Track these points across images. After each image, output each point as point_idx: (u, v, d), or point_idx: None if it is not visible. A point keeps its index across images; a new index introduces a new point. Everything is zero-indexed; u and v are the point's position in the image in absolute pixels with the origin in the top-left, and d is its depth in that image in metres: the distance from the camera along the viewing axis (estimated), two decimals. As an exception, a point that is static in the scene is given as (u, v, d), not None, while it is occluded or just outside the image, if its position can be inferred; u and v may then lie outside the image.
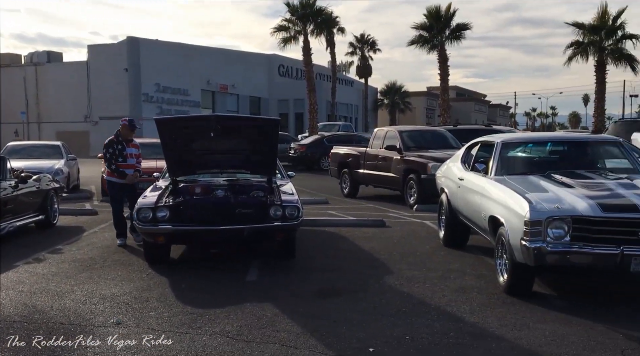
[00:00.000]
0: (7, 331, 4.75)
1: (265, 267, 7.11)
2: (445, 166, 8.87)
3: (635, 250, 5.01)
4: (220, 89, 41.43)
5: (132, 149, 8.59)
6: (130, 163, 8.51)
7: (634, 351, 4.34)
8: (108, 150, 8.44)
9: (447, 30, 32.46)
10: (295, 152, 23.69)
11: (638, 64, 30.01)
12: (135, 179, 8.56)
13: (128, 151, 8.51)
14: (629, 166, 6.81)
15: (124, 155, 8.46)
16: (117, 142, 8.47)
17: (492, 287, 6.03)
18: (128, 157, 8.49)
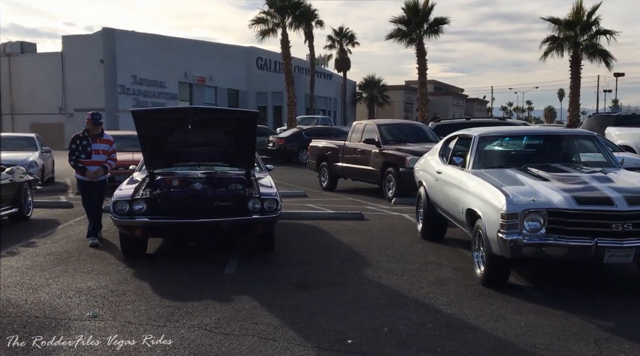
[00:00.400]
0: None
1: (244, 260, 7.09)
2: (424, 159, 8.92)
3: (609, 242, 5.10)
4: (198, 81, 41.08)
5: (101, 145, 8.12)
6: (95, 160, 8.04)
7: (607, 341, 4.42)
8: (71, 145, 8.10)
9: (425, 24, 32.55)
10: (273, 146, 23.62)
11: (612, 59, 30.47)
12: (96, 176, 8.05)
13: (94, 147, 8.05)
14: (603, 160, 6.93)
15: (87, 151, 8.01)
16: (82, 138, 8.06)
17: (469, 279, 6.09)
18: (93, 154, 8.03)
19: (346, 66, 52.47)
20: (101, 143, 8.15)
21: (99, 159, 8.08)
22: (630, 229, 5.12)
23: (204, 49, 42.34)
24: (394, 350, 4.28)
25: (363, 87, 58.69)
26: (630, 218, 5.13)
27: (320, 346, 4.35)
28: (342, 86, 53.19)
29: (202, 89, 41.91)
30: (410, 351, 4.25)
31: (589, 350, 4.26)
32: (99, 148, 8.10)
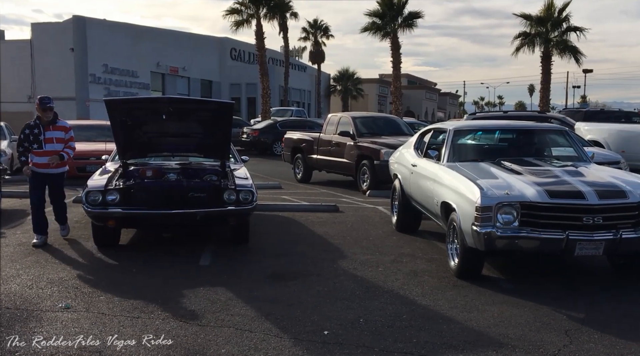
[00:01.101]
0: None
1: (219, 251, 7.05)
2: (399, 152, 8.97)
3: (579, 235, 5.20)
4: (171, 71, 40.57)
5: (55, 132, 7.28)
6: (49, 150, 7.21)
7: (577, 331, 4.52)
8: (20, 135, 7.32)
9: (400, 18, 32.64)
10: (247, 137, 23.49)
11: (581, 56, 30.98)
12: (52, 162, 7.23)
13: (48, 135, 7.22)
14: (574, 154, 7.06)
15: (39, 140, 7.19)
16: (32, 126, 7.22)
17: (443, 271, 6.16)
18: (46, 143, 7.21)
19: (320, 58, 52.37)
20: (55, 131, 7.30)
21: (54, 149, 7.25)
22: (600, 223, 5.23)
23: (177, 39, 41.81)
24: (369, 340, 4.32)
25: (337, 79, 58.68)
26: (600, 212, 5.24)
27: (296, 338, 4.36)
28: (316, 78, 53.11)
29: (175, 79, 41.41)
30: (385, 342, 4.29)
31: (559, 340, 4.35)
32: (52, 136, 7.27)
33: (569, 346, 4.24)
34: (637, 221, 5.31)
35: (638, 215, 5.31)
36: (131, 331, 4.44)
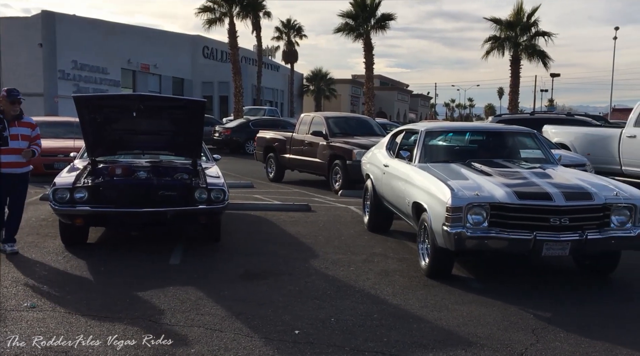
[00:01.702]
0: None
1: (190, 250, 6.99)
2: (371, 152, 9.01)
3: (547, 236, 5.29)
4: (142, 68, 40.10)
5: (21, 129, 6.66)
6: (14, 147, 6.59)
7: (544, 330, 4.60)
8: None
9: (373, 19, 32.80)
10: (220, 136, 23.36)
11: (549, 60, 31.54)
12: (26, 157, 6.69)
13: (12, 132, 6.58)
14: (541, 156, 7.18)
15: (3, 137, 6.53)
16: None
17: (414, 270, 6.21)
18: (11, 140, 6.58)
19: (293, 58, 52.33)
20: (21, 127, 6.67)
21: (19, 147, 6.62)
22: (567, 224, 5.33)
23: (149, 36, 41.34)
24: (340, 340, 4.32)
25: (310, 79, 58.71)
26: (567, 213, 5.34)
27: (267, 337, 4.35)
28: (289, 78, 53.05)
29: (146, 77, 40.94)
30: (356, 341, 4.30)
31: (527, 338, 4.42)
32: (17, 133, 6.64)
33: (536, 345, 4.31)
34: (601, 222, 5.43)
35: (603, 216, 5.43)
36: (98, 331, 4.37)
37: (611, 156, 12.55)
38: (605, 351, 4.21)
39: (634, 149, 12.11)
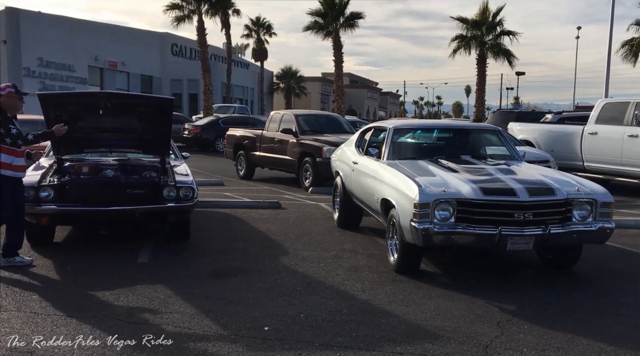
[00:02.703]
0: None
1: (158, 249, 6.95)
2: (340, 150, 9.06)
3: (511, 231, 5.40)
4: (109, 66, 39.52)
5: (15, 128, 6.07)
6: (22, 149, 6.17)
7: (508, 322, 4.71)
8: (10, 127, 5.97)
9: (342, 17, 32.92)
10: (189, 134, 23.17)
11: (514, 58, 32.09)
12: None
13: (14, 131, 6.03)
14: (506, 153, 7.33)
15: (23, 136, 6.08)
16: (10, 119, 6.06)
17: (383, 266, 6.28)
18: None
19: (263, 56, 52.19)
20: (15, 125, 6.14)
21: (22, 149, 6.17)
22: (530, 219, 5.45)
23: (116, 33, 40.76)
24: (310, 335, 4.36)
25: (280, 77, 58.62)
26: (530, 208, 5.46)
27: (236, 334, 4.36)
28: (259, 76, 52.87)
29: (114, 74, 40.37)
30: (325, 337, 4.34)
31: (492, 331, 4.52)
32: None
33: (501, 337, 4.41)
34: (564, 217, 5.56)
35: (565, 211, 5.57)
36: (64, 331, 4.32)
37: (574, 152, 12.88)
38: (566, 341, 4.33)
39: (595, 145, 12.45)
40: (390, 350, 4.13)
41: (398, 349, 4.15)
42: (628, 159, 11.67)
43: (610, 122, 12.16)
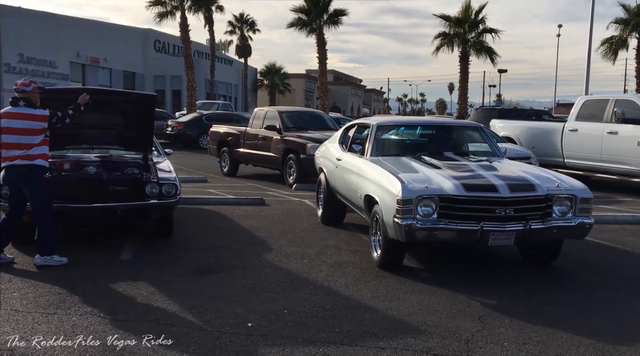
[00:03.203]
0: None
1: (141, 246, 6.92)
2: (324, 146, 9.08)
3: (492, 226, 5.45)
4: (91, 62, 39.16)
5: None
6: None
7: (490, 317, 4.76)
8: (57, 117, 6.22)
9: (325, 14, 32.89)
10: (172, 130, 23.05)
11: (496, 56, 32.31)
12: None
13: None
14: (488, 150, 7.39)
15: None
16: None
17: (366, 262, 6.31)
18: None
19: (247, 53, 52.02)
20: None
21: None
22: (511, 214, 5.51)
23: (98, 29, 40.38)
24: (293, 331, 4.37)
25: (264, 74, 58.48)
26: (511, 204, 5.52)
27: (220, 330, 4.36)
28: (243, 72, 52.71)
29: (96, 70, 40.02)
30: (309, 332, 4.35)
31: (473, 325, 4.57)
32: None
33: (482, 331, 4.46)
34: (544, 213, 5.63)
35: (545, 207, 5.64)
36: (46, 328, 4.30)
37: (554, 148, 13.04)
38: (546, 335, 4.39)
39: (575, 142, 12.61)
40: (373, 345, 4.16)
41: (381, 344, 4.18)
42: (607, 155, 11.84)
43: (590, 119, 12.33)
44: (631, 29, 29.30)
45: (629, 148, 11.39)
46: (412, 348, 4.11)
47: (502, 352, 4.08)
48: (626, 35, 29.76)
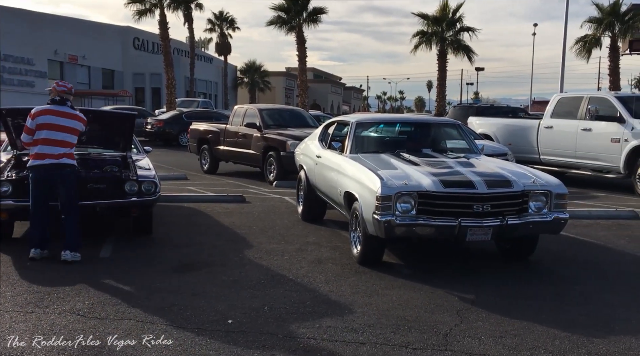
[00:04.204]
0: None
1: (121, 243, 6.89)
2: (304, 144, 9.10)
3: (470, 222, 5.52)
4: (70, 59, 38.74)
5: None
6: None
7: (467, 311, 4.83)
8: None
9: (305, 13, 32.92)
10: (152, 128, 22.90)
11: (474, 54, 32.67)
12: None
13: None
14: (466, 146, 7.48)
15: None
16: None
17: (346, 258, 6.35)
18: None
19: (227, 50, 51.83)
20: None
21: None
22: (489, 210, 5.58)
23: (76, 27, 39.96)
24: (273, 327, 4.39)
25: (244, 72, 58.31)
26: (489, 200, 5.59)
27: (200, 327, 4.36)
28: (223, 70, 52.50)
29: (74, 68, 39.60)
30: (289, 328, 4.38)
31: (452, 319, 4.63)
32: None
33: (460, 325, 4.52)
34: (520, 208, 5.72)
35: (521, 203, 5.72)
36: (24, 327, 4.27)
37: (530, 145, 13.23)
38: (523, 328, 4.46)
39: (550, 139, 12.81)
40: (352, 340, 4.20)
41: (360, 339, 4.21)
42: (582, 152, 12.05)
43: (565, 116, 12.53)
44: (604, 27, 29.82)
45: (602, 145, 11.60)
46: (391, 343, 4.16)
47: (480, 346, 4.14)
48: (600, 34, 30.28)
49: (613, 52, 30.78)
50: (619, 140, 11.29)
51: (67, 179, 6.10)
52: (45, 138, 6.04)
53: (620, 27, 29.92)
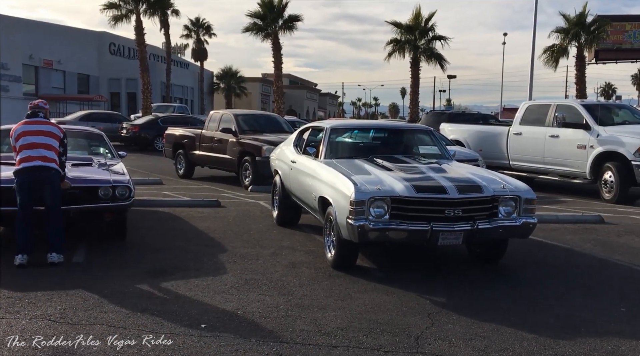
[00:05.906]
0: None
1: (94, 248, 6.84)
2: (279, 149, 9.14)
3: (442, 226, 5.61)
4: (45, 64, 38.21)
5: None
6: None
7: (439, 314, 4.91)
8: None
9: (280, 20, 32.94)
10: (127, 133, 22.72)
11: (446, 62, 32.98)
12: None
13: None
14: (438, 152, 7.60)
15: None
16: None
17: (320, 262, 6.40)
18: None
19: (203, 56, 51.72)
20: None
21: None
22: (460, 215, 5.68)
23: (52, 31, 39.47)
24: (246, 331, 4.41)
25: (220, 77, 58.14)
26: (460, 205, 5.69)
27: (172, 332, 4.36)
28: (199, 76, 52.32)
29: (49, 73, 39.07)
30: (262, 332, 4.40)
31: (423, 322, 4.70)
32: None
33: (431, 328, 4.59)
34: (490, 213, 5.83)
35: (491, 207, 5.84)
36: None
37: (500, 151, 13.47)
38: (492, 331, 4.55)
39: (519, 145, 13.07)
40: (325, 343, 4.24)
41: (333, 342, 4.25)
42: (549, 158, 12.32)
43: (533, 123, 12.79)
44: (571, 37, 30.59)
45: (569, 151, 11.86)
46: (363, 346, 4.21)
47: (450, 348, 4.22)
48: (566, 43, 31.04)
49: (579, 61, 31.52)
50: (585, 147, 11.56)
51: (54, 179, 6.23)
52: (23, 144, 6.24)
53: (586, 37, 30.77)
